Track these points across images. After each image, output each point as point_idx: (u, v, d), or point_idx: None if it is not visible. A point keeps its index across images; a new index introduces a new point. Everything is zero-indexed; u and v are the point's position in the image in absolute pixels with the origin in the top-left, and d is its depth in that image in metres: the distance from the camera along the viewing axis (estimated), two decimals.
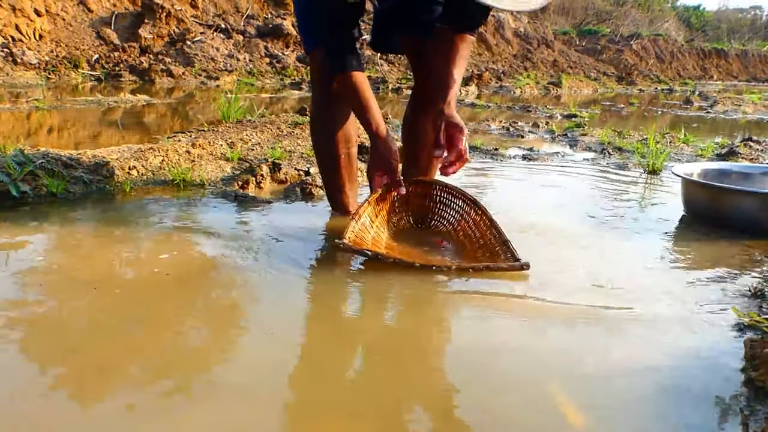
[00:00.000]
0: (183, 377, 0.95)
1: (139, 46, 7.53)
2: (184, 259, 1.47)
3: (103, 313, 1.16)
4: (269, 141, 2.91)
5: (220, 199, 2.03)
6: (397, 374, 1.00)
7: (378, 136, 1.60)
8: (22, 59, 6.32)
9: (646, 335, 1.17)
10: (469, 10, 1.61)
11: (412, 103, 1.95)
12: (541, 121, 4.73)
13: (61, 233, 1.63)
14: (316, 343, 1.12)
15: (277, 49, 8.64)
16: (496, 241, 1.59)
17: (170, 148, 2.42)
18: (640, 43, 16.20)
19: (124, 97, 5.17)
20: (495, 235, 1.61)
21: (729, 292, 1.40)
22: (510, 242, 1.54)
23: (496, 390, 0.96)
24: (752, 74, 19.24)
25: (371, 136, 1.62)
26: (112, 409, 0.86)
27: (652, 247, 1.74)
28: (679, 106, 7.91)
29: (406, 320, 1.24)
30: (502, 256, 1.52)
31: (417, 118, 1.90)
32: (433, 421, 0.88)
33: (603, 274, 1.49)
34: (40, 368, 0.96)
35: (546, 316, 1.23)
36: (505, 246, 1.54)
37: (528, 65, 12.09)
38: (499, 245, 1.56)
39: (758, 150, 3.53)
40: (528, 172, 2.83)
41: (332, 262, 1.53)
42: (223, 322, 1.17)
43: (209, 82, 7.10)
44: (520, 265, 1.46)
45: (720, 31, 22.31)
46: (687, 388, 0.97)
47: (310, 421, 0.87)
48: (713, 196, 1.95)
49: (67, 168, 2.07)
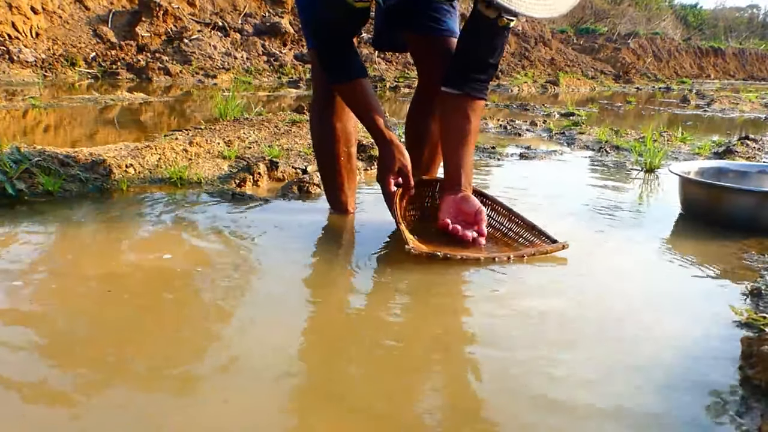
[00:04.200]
0: (182, 376, 0.95)
1: (136, 44, 7.51)
2: (180, 257, 1.47)
3: (103, 312, 1.16)
4: (266, 139, 2.91)
5: (217, 197, 2.02)
6: (398, 369, 1.00)
7: (390, 141, 1.61)
8: (18, 57, 6.30)
9: (641, 332, 1.17)
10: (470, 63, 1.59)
11: (416, 102, 1.93)
12: (538, 120, 4.74)
13: (58, 231, 1.62)
14: (316, 341, 1.11)
15: (275, 47, 8.62)
16: (522, 227, 1.67)
17: (167, 146, 2.41)
18: (637, 42, 16.22)
19: (120, 95, 5.15)
20: (517, 221, 1.68)
21: (725, 290, 1.40)
22: (537, 226, 1.64)
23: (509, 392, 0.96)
24: (749, 73, 19.28)
25: (381, 141, 1.61)
26: (111, 406, 0.86)
27: (649, 245, 1.74)
28: (677, 104, 7.92)
29: (409, 315, 1.24)
30: (538, 240, 1.60)
31: (422, 117, 1.90)
32: (443, 413, 0.88)
33: (598, 273, 1.49)
34: (39, 367, 0.96)
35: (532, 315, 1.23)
36: (536, 230, 1.63)
37: (526, 64, 12.09)
38: (528, 230, 1.65)
39: (755, 148, 3.54)
40: (525, 170, 2.83)
41: (331, 260, 1.53)
42: (221, 320, 1.16)
43: (206, 81, 7.08)
44: (561, 245, 1.55)
45: (717, 29, 22.34)
46: (683, 386, 0.97)
47: (314, 414, 0.87)
48: (710, 195, 1.95)
49: (64, 166, 2.06)
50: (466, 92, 1.61)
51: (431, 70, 1.80)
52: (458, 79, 1.62)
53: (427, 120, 1.88)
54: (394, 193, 1.62)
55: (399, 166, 1.61)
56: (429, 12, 1.75)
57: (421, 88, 1.92)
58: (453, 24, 1.80)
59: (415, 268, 1.43)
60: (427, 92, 1.87)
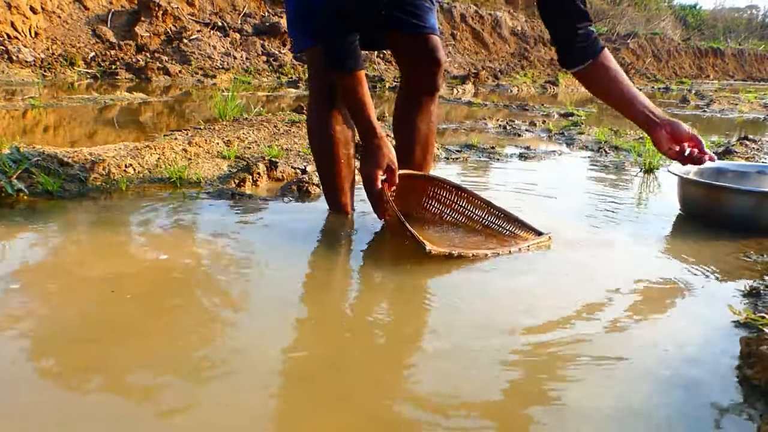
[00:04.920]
0: (182, 373, 0.95)
1: (135, 44, 7.50)
2: (180, 256, 1.47)
3: (103, 312, 1.16)
4: (266, 139, 2.91)
5: (216, 197, 2.02)
6: (399, 368, 1.00)
7: (380, 137, 1.61)
8: (17, 57, 6.29)
9: (639, 332, 1.17)
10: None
11: (403, 100, 1.94)
12: (537, 120, 4.74)
13: (57, 231, 1.62)
14: (316, 341, 1.11)
15: (274, 47, 8.62)
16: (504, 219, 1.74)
17: (167, 146, 2.41)
18: (636, 42, 16.22)
19: (120, 95, 5.15)
20: (497, 213, 1.75)
21: (724, 290, 1.40)
22: (519, 218, 1.71)
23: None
24: (748, 73, 19.28)
25: (370, 137, 1.61)
26: (111, 407, 0.86)
27: (648, 245, 1.74)
28: (676, 104, 7.92)
29: (410, 314, 1.24)
30: (524, 233, 1.68)
31: (409, 115, 1.90)
32: (446, 413, 0.88)
33: (598, 272, 1.49)
34: (38, 366, 0.96)
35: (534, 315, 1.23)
36: (518, 222, 1.70)
37: (525, 64, 12.09)
38: (510, 222, 1.72)
39: (754, 149, 3.54)
40: (524, 170, 2.83)
41: (331, 261, 1.53)
42: (221, 321, 1.16)
43: (206, 81, 7.07)
44: (547, 237, 1.63)
45: (716, 30, 22.33)
46: (682, 386, 0.98)
47: (315, 415, 0.87)
48: (709, 195, 1.95)
49: (63, 166, 2.06)
50: (590, 59, 1.65)
51: (415, 68, 1.83)
52: (575, 54, 1.65)
53: (415, 118, 1.89)
54: (382, 189, 1.62)
55: (387, 162, 1.61)
56: (412, 9, 1.77)
57: (405, 85, 1.93)
58: (434, 21, 1.84)
59: (415, 267, 1.43)
60: (412, 89, 1.88)
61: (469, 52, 11.73)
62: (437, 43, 1.83)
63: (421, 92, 1.89)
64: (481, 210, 1.78)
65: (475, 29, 12.21)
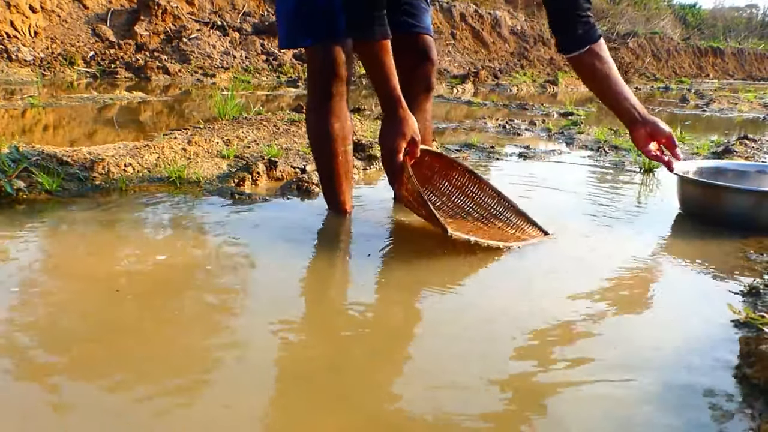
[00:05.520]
0: (182, 372, 0.95)
1: (135, 43, 7.49)
2: (180, 256, 1.47)
3: (103, 312, 1.16)
4: (265, 138, 2.91)
5: (216, 196, 2.02)
6: (401, 368, 1.00)
7: (404, 108, 1.61)
8: (17, 56, 6.28)
9: (639, 331, 1.17)
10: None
11: None
12: (537, 119, 4.74)
13: (57, 230, 1.62)
14: (317, 341, 1.11)
15: (274, 46, 8.61)
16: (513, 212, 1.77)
17: (166, 145, 2.41)
18: (636, 41, 16.22)
19: (119, 94, 5.14)
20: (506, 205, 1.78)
21: (724, 289, 1.40)
22: (526, 213, 1.74)
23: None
24: (748, 72, 19.28)
25: (395, 107, 1.60)
26: (112, 408, 0.86)
27: (648, 244, 1.75)
28: (676, 104, 7.92)
29: (410, 313, 1.24)
30: (527, 228, 1.71)
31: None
32: (448, 412, 0.88)
33: (597, 272, 1.49)
34: (37, 366, 0.96)
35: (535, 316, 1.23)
36: (526, 218, 1.74)
37: (525, 63, 12.08)
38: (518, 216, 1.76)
39: (754, 148, 3.54)
40: (523, 169, 2.83)
41: (330, 260, 1.53)
42: (221, 321, 1.16)
43: (205, 80, 7.07)
44: (553, 237, 1.67)
45: (716, 29, 22.33)
46: (681, 385, 0.98)
47: (316, 415, 0.87)
48: (709, 194, 1.95)
49: (62, 165, 2.06)
50: (588, 45, 1.70)
51: (410, 67, 1.83)
52: (574, 39, 1.70)
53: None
54: (404, 162, 1.59)
55: (412, 133, 1.61)
56: (408, 9, 1.79)
57: (400, 84, 1.93)
58: (429, 22, 1.87)
59: (416, 265, 1.43)
60: (407, 88, 1.89)
61: (469, 52, 11.73)
62: (431, 42, 1.89)
63: (416, 91, 1.91)
64: (491, 198, 1.80)
65: (475, 28, 12.21)
